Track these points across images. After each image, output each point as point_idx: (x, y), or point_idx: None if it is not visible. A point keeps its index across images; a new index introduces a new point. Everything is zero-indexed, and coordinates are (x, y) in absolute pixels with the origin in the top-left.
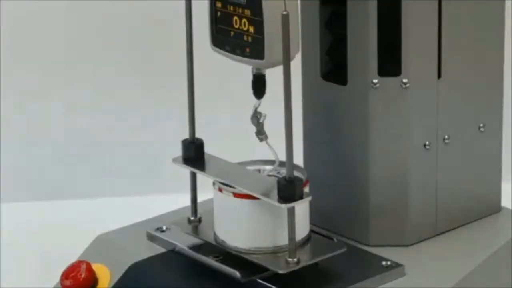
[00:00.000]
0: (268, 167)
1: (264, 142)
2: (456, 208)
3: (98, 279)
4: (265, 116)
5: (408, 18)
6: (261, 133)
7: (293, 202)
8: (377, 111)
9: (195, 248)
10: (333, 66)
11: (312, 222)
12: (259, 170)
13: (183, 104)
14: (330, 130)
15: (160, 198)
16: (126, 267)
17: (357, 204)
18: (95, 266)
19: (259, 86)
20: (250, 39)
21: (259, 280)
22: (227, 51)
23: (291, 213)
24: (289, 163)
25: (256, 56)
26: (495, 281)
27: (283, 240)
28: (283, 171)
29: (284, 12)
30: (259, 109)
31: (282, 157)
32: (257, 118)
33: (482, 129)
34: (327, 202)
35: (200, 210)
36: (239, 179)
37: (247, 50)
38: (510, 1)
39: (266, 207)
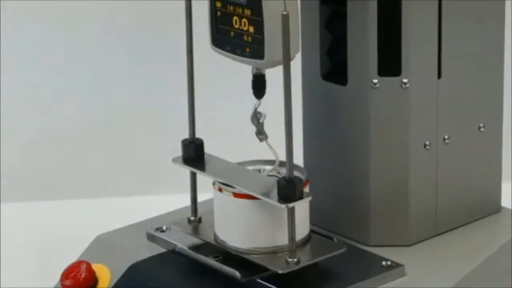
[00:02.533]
0: (268, 167)
1: (264, 142)
2: (456, 208)
3: (98, 279)
4: (265, 116)
5: (408, 18)
6: (261, 133)
7: (293, 202)
8: (377, 111)
9: (195, 248)
10: (333, 66)
11: (312, 222)
12: (259, 170)
13: (183, 104)
14: (330, 130)
15: (160, 198)
16: (126, 267)
17: (357, 204)
18: (95, 266)
19: (259, 86)
20: (250, 39)
21: (259, 280)
22: (227, 51)
23: (291, 213)
24: (289, 163)
25: (256, 56)
26: (495, 281)
27: (283, 240)
28: (283, 171)
29: (284, 12)
30: (259, 109)
31: (282, 157)
32: (257, 118)
33: (482, 129)
34: (327, 202)
35: (200, 210)
36: (239, 179)
37: (247, 50)
38: (510, 1)
39: (266, 207)
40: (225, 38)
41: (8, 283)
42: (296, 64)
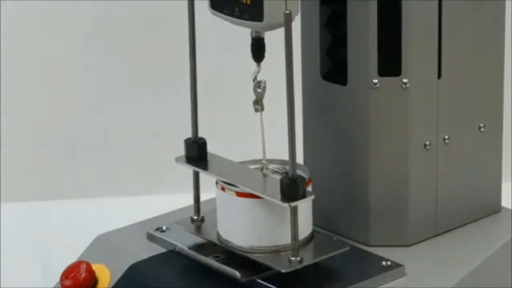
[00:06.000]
0: (271, 166)
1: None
2: (456, 208)
3: (98, 279)
4: (265, 82)
5: (408, 18)
6: (258, 104)
7: (296, 201)
8: (377, 111)
9: (195, 248)
10: (333, 66)
11: (312, 222)
12: (261, 169)
13: (184, 104)
14: (330, 130)
15: (160, 198)
16: (126, 267)
17: (357, 204)
18: (95, 266)
19: (258, 49)
20: (249, 1)
21: (259, 280)
22: (225, 13)
23: (294, 212)
24: (292, 162)
25: (255, 19)
26: (495, 281)
27: (286, 239)
28: (274, 167)
29: (287, 11)
30: (259, 76)
31: (284, 156)
32: (257, 86)
33: (482, 129)
34: (327, 202)
35: (202, 209)
36: (242, 178)
37: (246, 12)
38: (510, 1)
39: (269, 206)
40: (223, 0)
41: (8, 283)
42: (296, 64)
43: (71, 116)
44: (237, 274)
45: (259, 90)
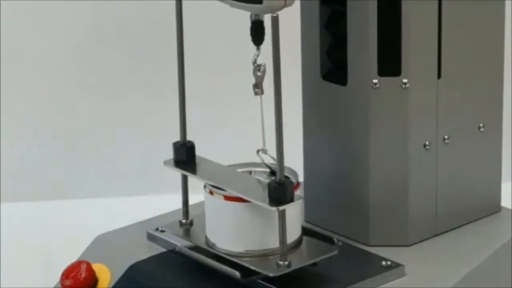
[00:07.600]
0: (259, 169)
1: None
2: (456, 208)
3: (98, 279)
4: (264, 65)
5: (408, 18)
6: (258, 87)
7: (283, 205)
8: (377, 111)
9: (195, 248)
10: (333, 66)
11: (312, 222)
12: (250, 173)
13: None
14: (330, 130)
15: (160, 198)
16: (126, 267)
17: (357, 204)
18: (95, 266)
19: (257, 33)
20: None
21: (259, 280)
22: None
23: (282, 216)
24: (280, 166)
25: (254, 1)
26: (495, 281)
27: (274, 243)
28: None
29: (275, 15)
30: (259, 60)
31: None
32: (257, 69)
33: (482, 129)
34: (327, 202)
35: (193, 213)
36: (230, 182)
37: None
38: (510, 1)
39: (257, 210)
40: None
41: (8, 283)
42: (296, 64)
43: (70, 116)
44: (237, 274)
45: (258, 74)
